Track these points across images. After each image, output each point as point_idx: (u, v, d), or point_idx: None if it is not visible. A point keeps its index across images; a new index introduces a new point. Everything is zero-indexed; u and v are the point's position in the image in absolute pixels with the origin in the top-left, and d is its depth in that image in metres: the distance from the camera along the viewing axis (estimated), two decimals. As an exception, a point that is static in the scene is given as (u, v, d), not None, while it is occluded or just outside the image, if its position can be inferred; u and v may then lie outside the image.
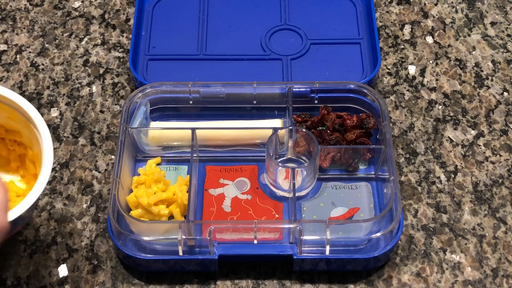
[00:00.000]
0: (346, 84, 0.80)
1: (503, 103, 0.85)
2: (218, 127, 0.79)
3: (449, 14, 0.94)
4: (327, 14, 0.92)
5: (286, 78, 0.85)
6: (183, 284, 0.72)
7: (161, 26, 0.91)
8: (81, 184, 0.79)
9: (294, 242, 0.71)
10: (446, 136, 0.82)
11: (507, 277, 0.72)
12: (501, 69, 0.88)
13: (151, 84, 0.80)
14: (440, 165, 0.80)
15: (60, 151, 0.81)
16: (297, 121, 0.80)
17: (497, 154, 0.81)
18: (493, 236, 0.75)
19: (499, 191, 0.78)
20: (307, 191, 0.76)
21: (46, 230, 0.75)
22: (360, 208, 0.75)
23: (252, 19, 0.92)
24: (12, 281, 0.72)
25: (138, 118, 0.78)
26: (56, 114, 0.84)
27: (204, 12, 0.92)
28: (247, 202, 0.76)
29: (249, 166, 0.79)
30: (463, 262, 0.73)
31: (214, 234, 0.70)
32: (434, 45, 0.91)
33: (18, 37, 0.92)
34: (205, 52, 0.88)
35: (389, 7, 0.95)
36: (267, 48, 0.88)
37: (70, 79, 0.88)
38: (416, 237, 0.75)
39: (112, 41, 0.91)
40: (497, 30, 0.92)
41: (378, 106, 0.78)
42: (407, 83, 0.87)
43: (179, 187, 0.74)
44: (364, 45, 0.88)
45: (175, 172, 0.78)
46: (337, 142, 0.77)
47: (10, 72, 0.88)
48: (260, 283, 0.72)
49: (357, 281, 0.72)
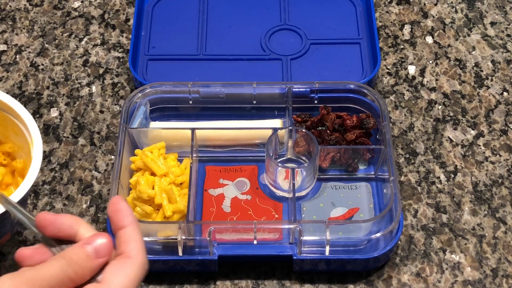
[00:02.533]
0: (346, 84, 0.80)
1: (503, 103, 0.85)
2: (218, 127, 0.79)
3: (449, 14, 0.94)
4: (327, 14, 0.92)
5: (285, 78, 0.85)
6: (183, 284, 0.72)
7: (161, 26, 0.91)
8: (81, 184, 0.78)
9: (294, 242, 0.71)
10: (446, 136, 0.82)
11: (506, 277, 0.72)
12: (501, 69, 0.88)
13: (151, 84, 0.80)
14: (440, 165, 0.80)
15: (59, 151, 0.81)
16: (296, 121, 0.80)
17: (497, 154, 0.81)
18: (493, 236, 0.75)
19: (499, 191, 0.78)
20: (307, 191, 0.76)
21: (46, 230, 0.75)
22: (360, 208, 0.75)
23: (252, 19, 0.92)
24: (12, 281, 0.72)
25: (138, 118, 0.78)
26: (55, 114, 0.84)
27: (204, 12, 0.92)
28: (247, 202, 0.76)
29: (249, 166, 0.79)
30: (463, 262, 0.73)
31: (214, 235, 0.70)
32: (434, 45, 0.91)
33: (17, 37, 0.92)
34: (205, 52, 0.88)
35: (388, 7, 0.95)
36: (266, 48, 0.88)
37: (69, 79, 0.88)
38: (416, 237, 0.75)
39: (112, 41, 0.91)
40: (497, 30, 0.92)
41: (378, 106, 0.78)
42: (407, 83, 0.87)
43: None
44: (364, 45, 0.88)
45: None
46: (337, 142, 0.77)
47: (10, 72, 0.88)
48: (260, 283, 0.72)
49: (357, 281, 0.72)
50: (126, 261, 0.49)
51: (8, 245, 0.74)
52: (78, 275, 0.47)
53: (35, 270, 0.46)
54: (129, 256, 0.49)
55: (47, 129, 0.83)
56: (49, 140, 0.82)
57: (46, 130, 0.83)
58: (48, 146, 0.81)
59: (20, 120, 0.67)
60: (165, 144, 0.76)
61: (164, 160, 0.74)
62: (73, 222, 0.50)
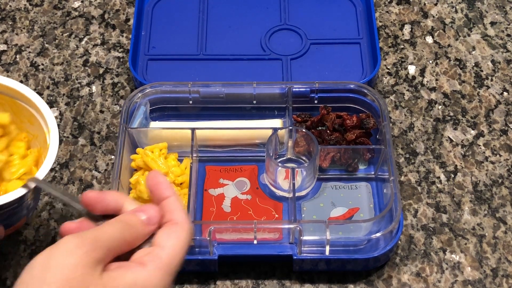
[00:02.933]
0: (346, 84, 0.80)
1: (503, 103, 0.85)
2: (218, 127, 0.79)
3: (449, 14, 0.94)
4: (327, 14, 0.92)
5: (286, 78, 0.85)
6: (183, 284, 0.72)
7: (161, 26, 0.91)
8: (81, 184, 0.79)
9: (294, 242, 0.71)
10: (446, 136, 0.82)
11: (506, 277, 0.72)
12: (500, 69, 0.88)
13: (151, 84, 0.80)
14: (440, 165, 0.80)
15: (60, 151, 0.81)
16: (297, 121, 0.80)
17: (497, 154, 0.81)
18: (493, 236, 0.75)
19: (499, 191, 0.78)
20: (307, 191, 0.76)
21: (46, 230, 0.75)
22: (360, 208, 0.75)
23: (252, 19, 0.92)
24: (12, 281, 0.72)
25: (138, 118, 0.78)
26: (56, 114, 0.84)
27: (204, 12, 0.92)
28: (247, 202, 0.76)
29: (249, 166, 0.79)
30: (463, 262, 0.73)
31: (214, 234, 0.70)
32: (434, 45, 0.91)
33: (18, 37, 0.92)
34: (205, 52, 0.88)
35: (389, 7, 0.95)
36: (267, 48, 0.88)
37: (70, 79, 0.88)
38: (416, 237, 0.75)
39: (112, 41, 0.91)
40: (497, 30, 0.92)
41: (378, 106, 0.78)
42: (407, 83, 0.87)
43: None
44: (364, 45, 0.88)
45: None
46: (337, 142, 0.77)
47: (10, 72, 0.88)
48: (260, 283, 0.72)
49: (357, 281, 0.72)
50: (175, 226, 0.51)
51: (8, 245, 0.74)
52: (134, 238, 0.50)
53: (96, 231, 0.49)
54: (176, 223, 0.51)
55: (47, 129, 0.83)
56: (49, 140, 0.82)
57: (46, 130, 0.83)
58: (48, 146, 0.82)
59: (35, 108, 0.67)
60: (167, 145, 0.76)
61: (164, 160, 0.74)
62: (118, 197, 0.53)
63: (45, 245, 0.74)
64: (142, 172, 0.74)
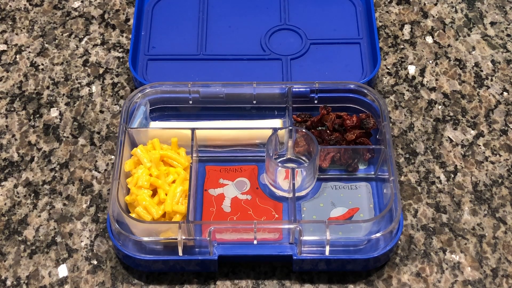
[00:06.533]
0: (345, 84, 0.80)
1: (503, 103, 0.85)
2: (217, 127, 0.79)
3: (448, 14, 0.94)
4: (327, 14, 0.92)
5: (285, 78, 0.85)
6: (183, 284, 0.72)
7: (161, 26, 0.91)
8: (80, 184, 0.79)
9: (294, 242, 0.71)
10: (446, 136, 0.82)
11: (506, 277, 0.72)
12: (500, 69, 0.88)
13: (150, 84, 0.80)
14: (440, 165, 0.80)
15: (59, 151, 0.81)
16: (296, 121, 0.80)
17: (497, 154, 0.81)
18: (493, 236, 0.75)
19: (499, 191, 0.78)
20: (307, 191, 0.76)
21: (46, 230, 0.75)
22: (360, 208, 0.75)
23: (252, 19, 0.92)
24: (12, 281, 0.72)
25: (138, 118, 0.78)
26: (55, 114, 0.84)
27: (204, 12, 0.92)
28: (247, 202, 0.76)
29: (249, 166, 0.79)
30: (463, 262, 0.73)
31: (214, 235, 0.70)
32: (434, 45, 0.91)
33: (17, 37, 0.92)
34: (204, 52, 0.88)
35: (388, 7, 0.95)
36: (266, 48, 0.88)
37: (69, 79, 0.88)
38: (416, 237, 0.75)
39: (112, 41, 0.91)
40: (497, 30, 0.92)
41: (378, 106, 0.78)
42: (407, 83, 0.87)
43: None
44: (364, 45, 0.88)
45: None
46: (337, 142, 0.77)
47: (10, 72, 0.88)
48: (260, 283, 0.72)
49: (357, 281, 0.72)
50: None
51: (8, 245, 0.74)
52: None
53: None
54: None
55: (47, 129, 0.83)
56: (49, 140, 0.82)
57: (46, 130, 0.83)
58: (48, 146, 0.81)
59: None
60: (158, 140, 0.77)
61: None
62: None
63: (45, 245, 0.74)
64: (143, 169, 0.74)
